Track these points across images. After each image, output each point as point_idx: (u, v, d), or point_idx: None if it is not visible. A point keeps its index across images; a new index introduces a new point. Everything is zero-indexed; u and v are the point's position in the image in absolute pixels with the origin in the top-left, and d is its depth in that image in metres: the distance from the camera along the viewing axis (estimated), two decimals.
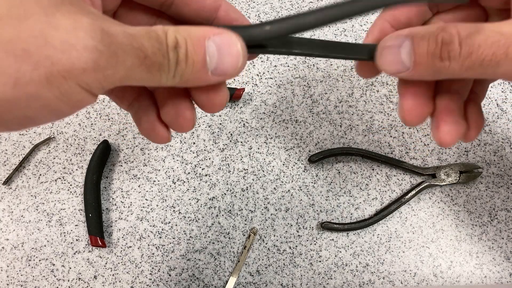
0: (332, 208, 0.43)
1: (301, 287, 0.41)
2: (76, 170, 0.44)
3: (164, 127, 0.25)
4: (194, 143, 0.45)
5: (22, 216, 0.42)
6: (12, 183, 0.44)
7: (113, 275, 0.41)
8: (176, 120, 0.24)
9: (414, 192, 0.42)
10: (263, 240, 0.42)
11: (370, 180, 0.44)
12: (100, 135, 0.45)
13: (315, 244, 0.42)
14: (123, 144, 0.45)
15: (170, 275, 0.41)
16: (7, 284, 0.40)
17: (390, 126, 0.46)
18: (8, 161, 0.44)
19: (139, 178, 0.44)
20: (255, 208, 0.43)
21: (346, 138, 0.45)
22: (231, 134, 0.45)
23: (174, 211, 0.43)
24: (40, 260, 0.41)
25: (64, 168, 0.44)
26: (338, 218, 0.43)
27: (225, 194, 0.43)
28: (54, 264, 0.41)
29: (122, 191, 0.43)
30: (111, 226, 0.42)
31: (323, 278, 0.41)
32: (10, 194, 0.43)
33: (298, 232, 0.42)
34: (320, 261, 0.41)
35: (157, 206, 0.43)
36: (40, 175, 0.44)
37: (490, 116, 0.46)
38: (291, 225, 0.42)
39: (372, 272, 0.41)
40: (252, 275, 0.41)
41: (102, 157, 0.43)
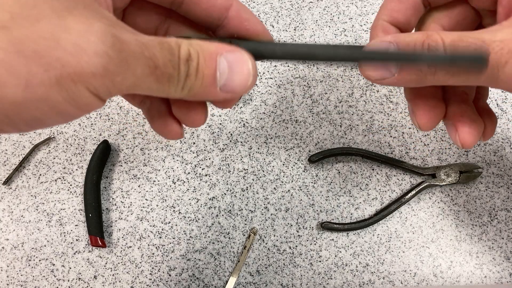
0: (332, 208, 0.43)
1: (301, 287, 0.41)
2: (76, 170, 0.44)
3: (176, 123, 0.25)
4: (194, 143, 0.45)
5: (22, 216, 0.42)
6: (12, 183, 0.44)
7: (113, 275, 0.41)
8: (188, 116, 0.24)
9: (414, 192, 0.42)
10: (263, 240, 0.42)
11: (370, 180, 0.44)
12: (100, 135, 0.45)
13: (315, 244, 0.42)
14: (123, 144, 0.45)
15: (170, 275, 0.41)
16: (7, 284, 0.40)
17: (390, 126, 0.46)
18: (8, 161, 0.44)
19: (139, 178, 0.44)
20: (255, 208, 0.43)
21: (346, 138, 0.45)
22: (231, 134, 0.45)
23: (174, 211, 0.43)
24: (40, 260, 0.41)
25: (64, 168, 0.44)
26: (338, 218, 0.43)
27: (225, 194, 0.43)
28: (54, 264, 0.41)
29: (122, 191, 0.43)
30: (111, 226, 0.42)
31: (323, 278, 0.41)
32: (10, 194, 0.43)
33: (298, 232, 0.42)
34: (320, 261, 0.41)
35: (157, 206, 0.43)
36: (40, 175, 0.44)
37: None
38: (291, 225, 0.42)
39: (372, 272, 0.41)
40: (252, 275, 0.41)
41: (102, 157, 0.43)
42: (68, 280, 0.41)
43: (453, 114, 0.26)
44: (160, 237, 0.42)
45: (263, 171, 0.44)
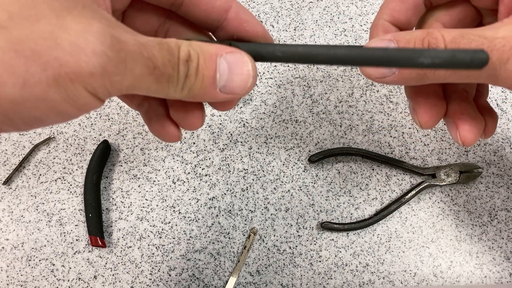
0: (332, 208, 0.43)
1: (301, 287, 0.41)
2: (76, 170, 0.44)
3: (174, 126, 0.25)
4: (194, 143, 0.45)
5: (22, 216, 0.42)
6: (12, 183, 0.44)
7: (113, 275, 0.41)
8: (185, 118, 0.24)
9: (414, 192, 0.42)
10: (263, 240, 0.42)
11: (370, 180, 0.44)
12: (100, 135, 0.45)
13: (315, 244, 0.42)
14: (123, 144, 0.45)
15: (170, 275, 0.41)
16: (7, 284, 0.40)
17: (390, 126, 0.46)
18: (8, 161, 0.44)
19: (139, 178, 0.44)
20: (255, 208, 0.43)
21: (346, 138, 0.45)
22: (231, 134, 0.45)
23: (174, 211, 0.43)
24: (40, 260, 0.41)
25: (64, 168, 0.44)
26: (338, 218, 0.43)
27: (225, 194, 0.43)
28: (54, 264, 0.41)
29: (122, 191, 0.43)
30: (111, 226, 0.42)
31: (323, 278, 0.41)
32: (10, 194, 0.43)
33: (298, 232, 0.42)
34: (320, 261, 0.41)
35: (157, 206, 0.43)
36: (40, 175, 0.44)
37: None
38: (291, 225, 0.42)
39: (372, 272, 0.41)
40: (252, 275, 0.41)
41: (102, 157, 0.43)
42: (68, 280, 0.41)
43: (453, 112, 0.26)
44: (160, 237, 0.42)
45: (263, 171, 0.44)
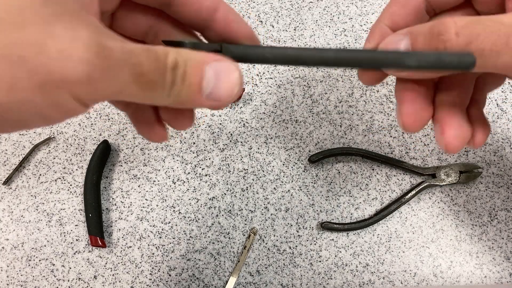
0: (332, 208, 0.43)
1: (301, 287, 0.41)
2: (76, 170, 0.44)
3: (161, 126, 0.25)
4: (194, 143, 0.45)
5: (22, 216, 0.42)
6: (12, 183, 0.44)
7: (113, 275, 0.41)
8: (175, 119, 0.24)
9: (414, 192, 0.42)
10: (263, 240, 0.42)
11: (370, 180, 0.44)
12: (100, 135, 0.45)
13: (315, 244, 0.42)
14: (123, 144, 0.45)
15: (170, 275, 0.41)
16: (7, 284, 0.40)
17: (390, 126, 0.46)
18: (8, 161, 0.44)
19: (139, 178, 0.44)
20: (255, 208, 0.43)
21: (346, 138, 0.45)
22: (231, 134, 0.45)
23: (174, 211, 0.43)
24: (40, 260, 0.41)
25: (64, 168, 0.44)
26: (338, 218, 0.43)
27: (225, 194, 0.43)
28: (54, 264, 0.41)
29: (122, 191, 0.43)
30: (111, 226, 0.42)
31: (323, 278, 0.41)
32: (10, 194, 0.43)
33: (298, 232, 0.42)
34: (320, 261, 0.41)
35: (157, 206, 0.43)
36: (40, 175, 0.44)
37: (490, 116, 0.46)
38: (291, 225, 0.42)
39: (372, 272, 0.41)
40: (252, 275, 0.41)
41: (102, 157, 0.43)
42: (68, 280, 0.41)
43: (442, 117, 0.26)
44: (160, 237, 0.42)
45: (263, 171, 0.44)
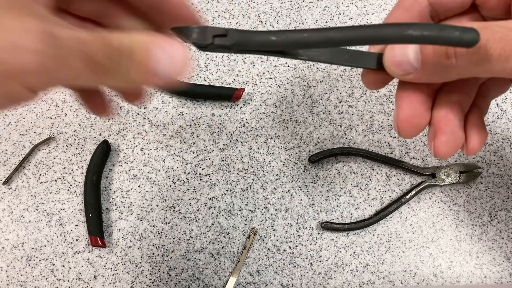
0: (332, 208, 0.43)
1: (301, 287, 0.41)
2: (76, 170, 0.44)
3: (105, 102, 0.27)
4: (194, 143, 0.45)
5: (22, 216, 0.42)
6: (12, 183, 0.44)
7: (113, 275, 0.41)
8: (126, 94, 0.27)
9: (414, 192, 0.42)
10: (263, 240, 0.42)
11: (370, 180, 0.44)
12: (100, 135, 0.45)
13: (315, 244, 0.42)
14: (123, 144, 0.45)
15: (170, 275, 0.41)
16: (7, 284, 0.40)
17: (390, 126, 0.46)
18: (8, 161, 0.44)
19: (139, 178, 0.44)
20: (255, 208, 0.43)
21: (346, 138, 0.45)
22: (231, 134, 0.45)
23: (174, 211, 0.43)
24: (40, 260, 0.41)
25: (64, 168, 0.44)
26: (338, 218, 0.43)
27: (225, 194, 0.43)
28: (54, 264, 0.41)
29: (122, 191, 0.43)
30: (111, 226, 0.42)
31: (323, 278, 0.41)
32: (10, 194, 0.43)
33: (298, 232, 0.42)
34: (320, 261, 0.41)
35: (157, 206, 0.43)
36: (40, 175, 0.44)
37: (490, 116, 0.46)
38: (291, 225, 0.42)
39: (372, 272, 0.41)
40: (252, 275, 0.41)
41: (102, 157, 0.43)
42: (68, 280, 0.41)
43: (437, 121, 0.26)
44: (160, 237, 0.42)
45: (263, 171, 0.44)
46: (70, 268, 0.41)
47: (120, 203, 0.43)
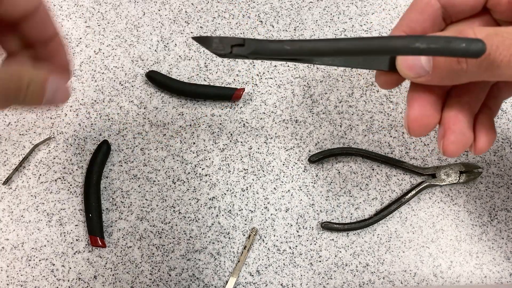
0: (332, 208, 0.43)
1: (301, 287, 0.41)
2: (76, 170, 0.44)
3: None
4: (194, 143, 0.45)
5: (22, 216, 0.42)
6: (12, 183, 0.44)
7: (113, 275, 0.41)
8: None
9: (414, 192, 0.42)
10: (263, 240, 0.42)
11: (370, 180, 0.44)
12: (100, 135, 0.45)
13: (315, 244, 0.42)
14: (123, 144, 0.45)
15: (170, 275, 0.41)
16: (7, 284, 0.40)
17: (390, 126, 0.46)
18: (8, 161, 0.44)
19: (139, 178, 0.44)
20: (255, 208, 0.43)
21: (346, 138, 0.45)
22: (231, 134, 0.45)
23: (174, 211, 0.43)
24: (40, 260, 0.41)
25: (64, 168, 0.44)
26: (338, 218, 0.43)
27: (225, 194, 0.43)
28: (54, 264, 0.41)
29: (122, 191, 0.43)
30: (111, 226, 0.42)
31: (323, 278, 0.41)
32: (10, 194, 0.43)
33: (298, 232, 0.42)
34: (320, 261, 0.41)
35: (157, 206, 0.43)
36: (40, 175, 0.44)
37: None
38: (291, 225, 0.42)
39: (372, 272, 0.41)
40: (252, 275, 0.41)
41: (102, 157, 0.43)
42: (68, 280, 0.41)
43: (446, 120, 0.26)
44: (160, 237, 0.42)
45: (263, 171, 0.44)
46: (70, 268, 0.41)
47: (120, 203, 0.43)
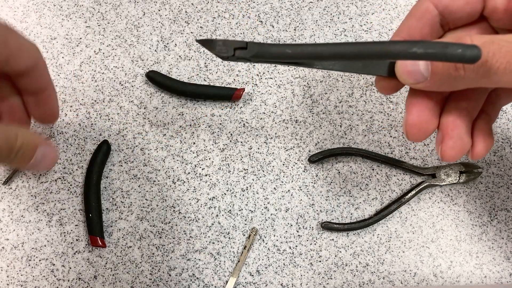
0: (332, 208, 0.43)
1: (301, 287, 0.41)
2: (76, 170, 0.44)
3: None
4: (194, 143, 0.45)
5: (22, 216, 0.42)
6: (12, 183, 0.44)
7: (113, 275, 0.41)
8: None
9: (414, 192, 0.42)
10: (263, 240, 0.42)
11: (370, 180, 0.44)
12: (100, 135, 0.45)
13: (315, 244, 0.42)
14: (123, 144, 0.45)
15: (170, 275, 0.41)
16: (7, 284, 0.40)
17: (390, 126, 0.46)
18: None
19: (139, 178, 0.44)
20: (255, 208, 0.43)
21: (346, 138, 0.45)
22: (231, 134, 0.45)
23: (174, 211, 0.43)
24: (40, 260, 0.41)
25: (64, 168, 0.44)
26: (338, 218, 0.43)
27: (225, 194, 0.43)
28: (54, 264, 0.41)
29: (122, 191, 0.43)
30: (111, 226, 0.42)
31: (323, 278, 0.41)
32: (10, 194, 0.43)
33: (298, 232, 0.42)
34: (320, 261, 0.41)
35: (157, 206, 0.43)
36: (40, 175, 0.44)
37: None
38: (291, 225, 0.42)
39: (372, 272, 0.41)
40: (252, 275, 0.41)
41: (102, 157, 0.43)
42: (68, 280, 0.41)
43: (445, 126, 0.27)
44: (160, 237, 0.42)
45: (263, 171, 0.44)
46: (70, 268, 0.41)
47: (120, 203, 0.43)
